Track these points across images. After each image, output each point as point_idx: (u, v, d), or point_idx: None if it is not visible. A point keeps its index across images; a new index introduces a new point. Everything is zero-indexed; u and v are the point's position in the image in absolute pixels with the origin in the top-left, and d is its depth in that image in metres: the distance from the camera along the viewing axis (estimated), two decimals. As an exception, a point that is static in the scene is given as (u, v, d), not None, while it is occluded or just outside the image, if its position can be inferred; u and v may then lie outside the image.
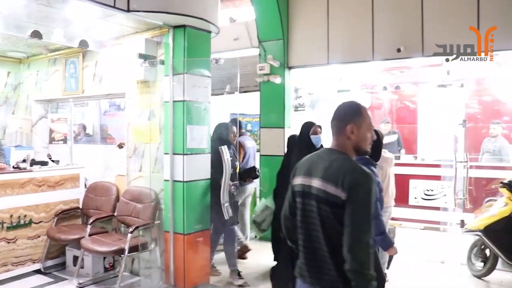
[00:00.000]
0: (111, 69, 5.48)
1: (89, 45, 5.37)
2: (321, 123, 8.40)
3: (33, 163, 5.38)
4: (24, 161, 5.30)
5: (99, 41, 5.45)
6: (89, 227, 5.00)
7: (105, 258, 5.14)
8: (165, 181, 4.80)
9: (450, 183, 6.56)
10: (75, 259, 5.13)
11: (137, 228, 4.69)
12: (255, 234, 5.76)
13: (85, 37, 5.29)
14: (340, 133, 2.18)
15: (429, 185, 7.29)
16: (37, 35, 4.92)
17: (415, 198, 7.40)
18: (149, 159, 5.00)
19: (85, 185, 5.82)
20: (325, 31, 6.50)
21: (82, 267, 5.04)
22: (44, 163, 5.50)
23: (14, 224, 4.95)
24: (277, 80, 6.69)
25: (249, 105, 7.68)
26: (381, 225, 3.32)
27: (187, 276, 4.69)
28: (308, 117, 8.07)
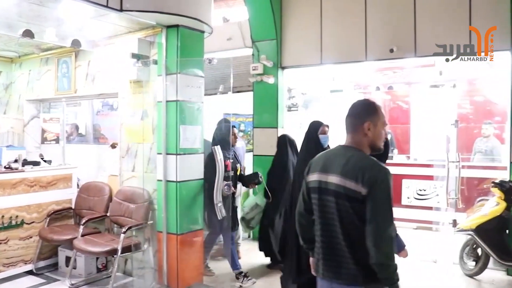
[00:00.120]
0: (104, 69, 5.45)
1: (82, 44, 5.33)
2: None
3: (25, 163, 5.34)
4: (15, 161, 5.25)
5: (91, 40, 5.42)
6: (81, 227, 4.98)
7: (97, 258, 5.12)
8: (158, 181, 4.79)
9: (442, 183, 6.59)
10: (68, 259, 5.11)
11: (130, 228, 4.68)
12: (247, 232, 5.78)
13: (78, 37, 5.26)
14: (356, 130, 2.25)
15: (421, 185, 7.33)
16: (28, 34, 4.88)
17: (408, 198, 7.44)
18: (142, 159, 4.99)
19: (78, 185, 5.78)
20: (318, 32, 6.52)
21: (74, 268, 5.01)
22: (36, 163, 5.46)
23: (5, 224, 4.91)
24: (270, 80, 6.70)
25: (242, 105, 7.68)
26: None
27: (180, 276, 4.68)
28: (301, 116, 8.12)
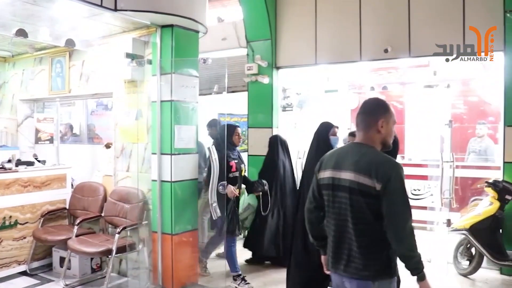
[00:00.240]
0: (98, 69, 5.44)
1: (76, 44, 5.30)
2: (309, 122, 8.42)
3: (19, 163, 5.31)
4: (9, 161, 5.22)
5: (86, 40, 5.40)
6: (76, 227, 4.96)
7: (92, 259, 5.10)
8: (153, 181, 4.78)
9: (436, 182, 6.61)
10: (62, 260, 5.09)
11: (124, 228, 4.67)
12: (241, 233, 5.78)
13: (72, 36, 5.23)
14: (370, 127, 2.31)
15: (416, 184, 7.34)
16: (22, 33, 4.85)
17: (403, 197, 7.43)
18: (136, 159, 4.97)
19: (72, 185, 5.76)
20: (313, 32, 6.54)
21: (69, 268, 4.99)
22: (30, 163, 5.44)
23: (-1, 225, 4.89)
24: (265, 80, 6.71)
25: (237, 105, 7.68)
26: None
27: (175, 276, 4.68)
28: (296, 116, 8.13)
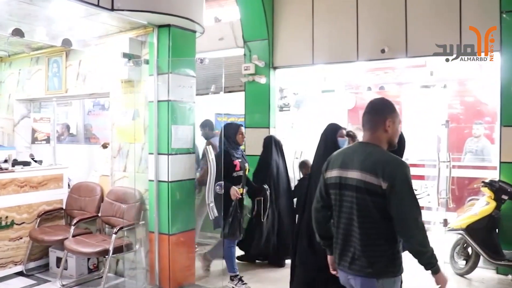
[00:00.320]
0: (95, 69, 5.42)
1: (73, 44, 5.29)
2: (307, 122, 8.42)
3: (15, 163, 5.30)
4: (5, 161, 5.21)
5: (82, 40, 5.38)
6: (72, 228, 4.94)
7: (89, 259, 5.08)
8: (150, 181, 4.77)
9: (433, 182, 6.62)
10: (59, 260, 5.07)
11: (121, 228, 4.66)
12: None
13: (69, 36, 5.22)
14: (377, 127, 2.34)
15: (412, 184, 7.34)
16: (18, 33, 4.83)
17: (399, 197, 7.43)
18: (133, 159, 4.96)
19: (69, 185, 5.75)
20: (310, 32, 6.54)
21: (65, 269, 4.98)
22: (26, 163, 5.43)
23: (-5, 225, 4.88)
24: (262, 80, 6.71)
25: (234, 105, 7.68)
26: None
27: (172, 276, 4.68)
28: (293, 116, 8.13)
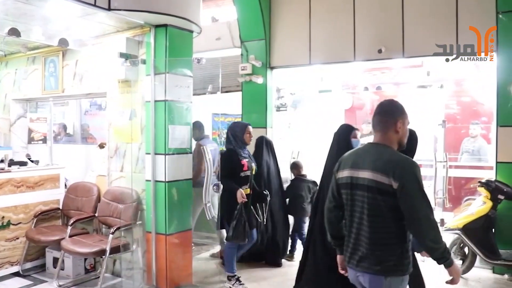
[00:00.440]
0: (92, 68, 5.41)
1: (69, 43, 5.27)
2: (304, 122, 8.41)
3: (12, 163, 5.29)
4: (2, 161, 5.19)
5: (79, 39, 5.37)
6: (69, 228, 4.93)
7: (86, 259, 5.08)
8: (147, 181, 4.76)
9: (430, 182, 6.63)
10: (55, 260, 5.06)
11: (118, 228, 4.65)
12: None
13: (65, 36, 5.19)
14: (388, 128, 2.40)
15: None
16: (14, 32, 4.81)
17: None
18: (130, 159, 4.96)
19: (66, 185, 5.74)
20: (307, 32, 6.55)
21: (62, 269, 4.97)
22: (23, 163, 5.41)
23: (-9, 225, 4.86)
24: (259, 80, 6.71)
25: (231, 105, 7.67)
26: None
27: (169, 276, 4.67)
28: (290, 117, 8.13)
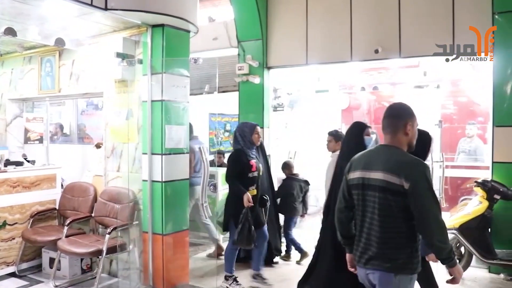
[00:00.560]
0: (89, 68, 5.40)
1: (66, 43, 5.25)
2: (300, 122, 8.42)
3: (8, 163, 5.27)
4: (-2, 161, 5.19)
5: (76, 39, 5.35)
6: (66, 228, 4.92)
7: (82, 259, 5.06)
8: (144, 181, 4.75)
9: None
10: (52, 261, 5.04)
11: (115, 228, 4.64)
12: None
13: (62, 35, 5.18)
14: (398, 130, 2.46)
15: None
16: (11, 32, 4.79)
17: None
18: (127, 159, 4.95)
19: (62, 185, 5.72)
20: (304, 32, 6.55)
21: (58, 269, 4.96)
22: (19, 163, 5.40)
23: (-13, 226, 4.85)
24: (256, 80, 6.71)
25: (228, 105, 7.68)
26: None
27: (166, 276, 4.67)
28: (287, 117, 8.14)
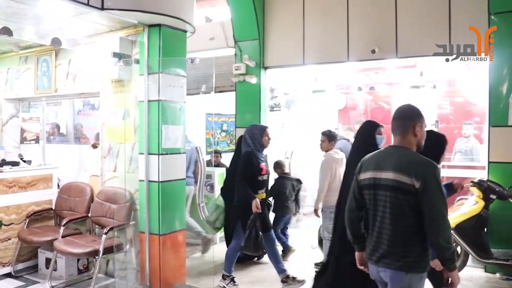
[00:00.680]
0: (85, 68, 5.38)
1: (62, 43, 5.23)
2: (297, 122, 8.42)
3: (4, 163, 5.26)
4: (-6, 161, 5.18)
5: (72, 39, 5.33)
6: (62, 228, 4.90)
7: (79, 260, 5.05)
8: (140, 181, 4.74)
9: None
10: (48, 261, 5.03)
11: (111, 229, 4.63)
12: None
13: (58, 35, 5.16)
14: (408, 131, 2.54)
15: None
16: (6, 31, 4.78)
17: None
18: (123, 159, 4.94)
19: (58, 185, 5.71)
20: (301, 32, 6.56)
21: (55, 270, 4.94)
22: (15, 164, 5.38)
23: (-17, 226, 4.83)
24: (253, 80, 6.71)
25: (225, 105, 7.68)
26: None
27: (163, 276, 4.66)
28: (284, 117, 8.14)
